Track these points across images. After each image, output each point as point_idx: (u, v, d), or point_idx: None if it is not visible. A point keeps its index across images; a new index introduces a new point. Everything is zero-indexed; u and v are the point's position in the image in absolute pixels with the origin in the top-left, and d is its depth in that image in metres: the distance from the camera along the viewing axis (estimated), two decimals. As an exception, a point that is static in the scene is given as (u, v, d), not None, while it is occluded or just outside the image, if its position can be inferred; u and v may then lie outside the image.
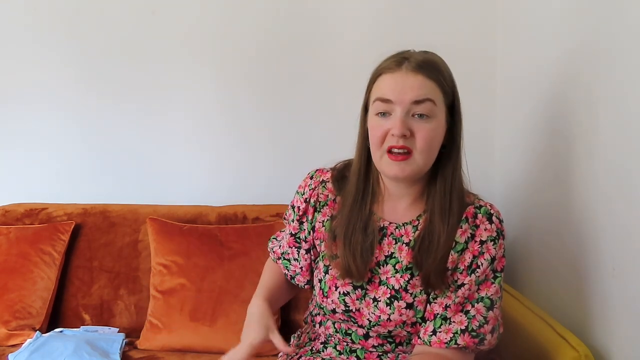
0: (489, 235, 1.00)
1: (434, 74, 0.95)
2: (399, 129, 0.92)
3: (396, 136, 0.93)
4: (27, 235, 1.74)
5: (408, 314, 1.01)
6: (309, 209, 1.11)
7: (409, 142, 0.93)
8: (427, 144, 0.94)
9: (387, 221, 1.04)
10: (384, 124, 0.95)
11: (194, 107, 1.92)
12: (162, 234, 1.69)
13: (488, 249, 0.99)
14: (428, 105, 0.93)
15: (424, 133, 0.93)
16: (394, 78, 0.94)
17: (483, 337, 0.98)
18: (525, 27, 1.61)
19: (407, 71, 0.94)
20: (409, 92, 0.92)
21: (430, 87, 0.94)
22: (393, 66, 0.95)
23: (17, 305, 1.62)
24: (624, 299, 1.10)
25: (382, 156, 0.96)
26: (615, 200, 1.13)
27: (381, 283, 1.03)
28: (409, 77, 0.93)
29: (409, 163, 0.94)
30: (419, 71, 0.93)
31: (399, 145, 0.93)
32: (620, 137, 1.10)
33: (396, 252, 1.03)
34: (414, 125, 0.93)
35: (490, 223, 1.00)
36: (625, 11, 1.08)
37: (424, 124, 0.94)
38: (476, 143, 1.83)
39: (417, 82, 0.93)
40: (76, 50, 1.93)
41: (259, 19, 1.86)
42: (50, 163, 1.98)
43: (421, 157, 0.95)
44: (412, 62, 0.94)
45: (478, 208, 1.02)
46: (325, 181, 1.10)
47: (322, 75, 1.87)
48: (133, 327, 1.68)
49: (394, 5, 1.81)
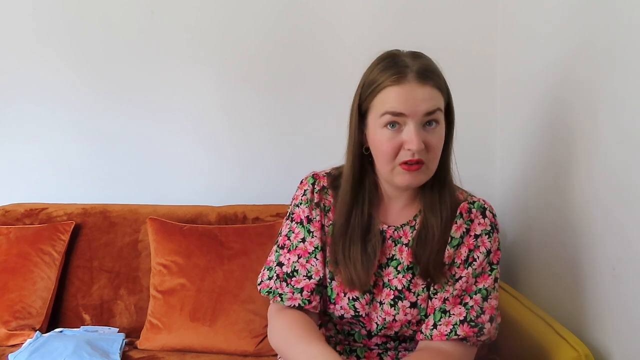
0: (483, 229, 1.02)
1: (437, 82, 0.95)
2: (417, 144, 0.91)
3: (413, 151, 0.92)
4: (27, 235, 1.73)
5: (412, 313, 1.02)
6: (321, 214, 1.07)
7: (423, 155, 0.94)
8: (437, 152, 0.96)
9: (385, 225, 1.06)
10: (395, 137, 0.94)
11: (194, 108, 1.92)
12: (162, 234, 1.69)
13: (483, 242, 1.01)
14: (437, 115, 0.94)
15: (435, 142, 0.95)
16: (403, 90, 0.92)
17: (482, 327, 0.99)
18: (525, 28, 1.61)
19: (414, 82, 0.92)
20: (421, 104, 0.92)
21: (437, 96, 0.95)
22: (397, 78, 0.93)
23: (17, 305, 1.62)
24: (623, 299, 1.10)
25: (394, 168, 0.96)
26: (614, 201, 1.13)
27: (384, 285, 1.04)
28: (417, 89, 0.92)
29: (422, 172, 0.95)
30: (425, 81, 0.93)
31: (415, 160, 0.93)
32: (620, 139, 1.10)
33: (397, 254, 1.04)
34: (427, 136, 0.94)
35: (484, 217, 1.03)
36: (625, 12, 1.08)
37: (435, 133, 0.95)
38: (477, 146, 1.84)
39: (427, 94, 0.92)
40: (76, 50, 1.93)
41: (259, 19, 1.86)
42: (50, 163, 1.98)
43: (433, 164, 0.97)
44: (414, 71, 0.93)
45: (472, 203, 1.04)
46: (325, 187, 1.09)
47: (323, 75, 1.87)
48: (133, 327, 1.68)
49: (394, 6, 1.81)
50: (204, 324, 1.56)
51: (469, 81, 1.81)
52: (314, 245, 1.05)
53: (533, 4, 1.54)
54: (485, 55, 1.81)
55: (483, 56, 1.81)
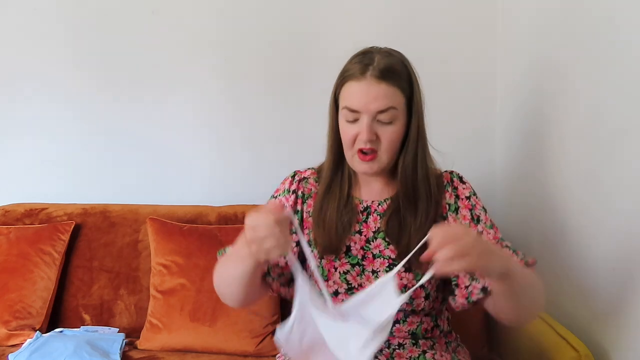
0: (469, 192, 1.11)
1: (396, 81, 1.02)
2: (366, 135, 1.01)
3: (364, 140, 1.02)
4: (27, 235, 1.73)
5: (408, 277, 1.05)
6: (297, 201, 1.15)
7: (375, 144, 1.04)
8: (390, 145, 1.04)
9: (369, 200, 1.12)
10: (353, 128, 1.04)
11: (194, 108, 1.92)
12: (162, 234, 1.69)
13: (476, 202, 1.10)
14: (391, 113, 1.02)
15: (388, 135, 1.03)
16: (360, 87, 1.01)
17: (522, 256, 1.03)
18: (526, 27, 1.61)
19: (371, 80, 1.01)
20: (373, 103, 1.01)
21: (392, 94, 1.02)
22: (358, 74, 1.02)
23: (17, 305, 1.62)
24: (623, 300, 1.10)
25: (354, 155, 1.06)
26: (615, 201, 1.13)
27: (376, 256, 1.08)
28: (372, 87, 1.01)
29: (376, 161, 1.05)
30: (382, 80, 1.01)
31: (367, 148, 1.03)
32: (622, 137, 1.10)
33: (382, 226, 1.09)
34: (379, 129, 1.03)
35: (463, 183, 1.12)
36: (626, 10, 1.09)
37: (388, 128, 1.03)
38: (477, 144, 1.84)
39: (381, 92, 1.01)
40: (76, 50, 1.93)
41: (261, 19, 1.86)
42: (50, 163, 1.98)
43: (386, 156, 1.05)
44: (375, 69, 1.01)
45: (451, 173, 1.14)
46: (306, 178, 1.18)
47: (324, 75, 1.85)
48: (133, 327, 1.68)
49: (397, 5, 1.82)
50: (204, 324, 1.56)
51: (469, 79, 1.82)
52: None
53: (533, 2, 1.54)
54: (485, 53, 1.82)
55: (483, 54, 1.82)
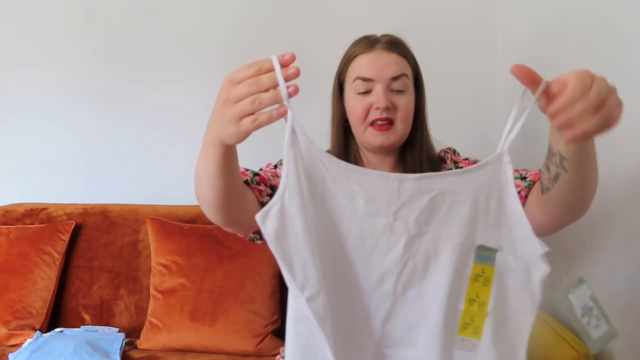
0: (464, 157, 1.11)
1: (404, 51, 1.05)
2: (383, 102, 0.99)
3: (381, 109, 1.00)
4: (27, 235, 1.74)
5: None
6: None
7: (391, 113, 1.01)
8: (406, 114, 1.03)
9: None
10: (365, 100, 1.02)
11: (194, 107, 1.92)
12: (162, 234, 1.70)
13: (475, 159, 1.09)
14: (404, 80, 1.02)
15: (404, 104, 1.02)
16: (371, 57, 1.02)
17: None
18: (526, 22, 1.61)
19: (382, 50, 1.02)
20: (387, 69, 1.01)
21: (403, 63, 1.03)
22: (366, 47, 1.03)
23: (17, 305, 1.62)
24: (623, 300, 1.10)
25: (366, 129, 1.03)
26: (615, 201, 1.13)
27: None
28: (384, 56, 1.02)
29: (393, 132, 1.02)
30: (392, 49, 1.03)
31: (384, 117, 1.00)
32: (622, 137, 1.10)
33: None
34: (394, 98, 1.02)
35: (459, 155, 1.12)
36: (625, 11, 1.08)
37: (403, 97, 1.02)
38: (477, 144, 1.84)
39: (392, 60, 1.02)
40: (75, 51, 1.93)
41: (261, 19, 1.86)
42: (50, 163, 1.98)
43: (402, 126, 1.03)
44: (382, 42, 1.04)
45: (448, 149, 1.13)
46: None
47: (322, 74, 1.86)
48: (133, 327, 1.68)
49: (397, 5, 1.82)
50: (204, 324, 1.56)
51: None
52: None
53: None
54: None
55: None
